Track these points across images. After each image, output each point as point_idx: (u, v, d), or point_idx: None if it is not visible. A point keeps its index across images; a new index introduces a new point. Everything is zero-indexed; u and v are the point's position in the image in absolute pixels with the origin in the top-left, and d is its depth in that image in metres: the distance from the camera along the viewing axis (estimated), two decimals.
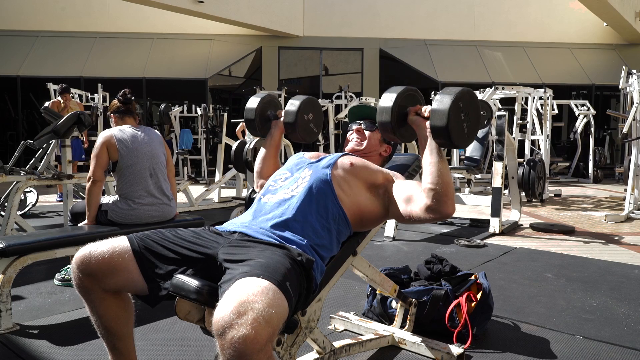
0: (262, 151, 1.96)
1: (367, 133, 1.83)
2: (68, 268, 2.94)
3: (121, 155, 2.64)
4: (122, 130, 2.71)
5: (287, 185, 1.59)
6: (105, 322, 1.42)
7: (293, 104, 1.86)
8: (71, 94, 6.81)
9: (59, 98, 6.55)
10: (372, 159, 1.78)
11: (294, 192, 1.55)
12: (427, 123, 1.45)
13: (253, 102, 1.95)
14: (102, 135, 2.67)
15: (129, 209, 2.63)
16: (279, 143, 1.97)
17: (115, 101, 2.86)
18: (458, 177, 7.61)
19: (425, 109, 1.50)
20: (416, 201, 1.48)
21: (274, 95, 2.02)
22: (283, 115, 1.90)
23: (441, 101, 1.40)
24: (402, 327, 2.16)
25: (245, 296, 1.07)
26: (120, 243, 1.39)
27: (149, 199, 2.68)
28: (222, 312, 1.05)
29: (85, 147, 7.05)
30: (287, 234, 1.45)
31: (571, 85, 11.38)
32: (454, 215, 5.52)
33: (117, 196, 2.69)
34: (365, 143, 1.81)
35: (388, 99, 1.52)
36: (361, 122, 1.86)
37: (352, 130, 1.86)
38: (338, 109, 9.45)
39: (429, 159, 1.45)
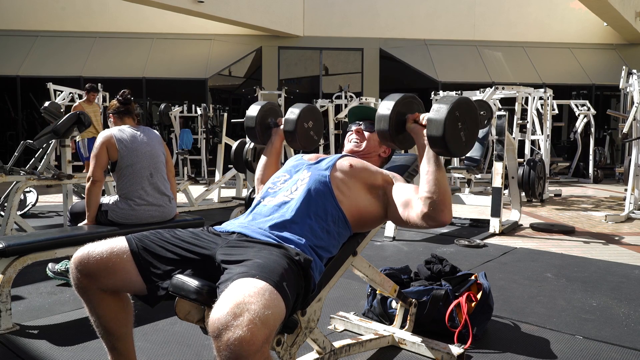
0: (262, 159, 1.95)
1: (366, 134, 1.81)
2: (65, 262, 2.93)
3: (121, 155, 2.64)
4: (121, 130, 2.72)
5: (286, 187, 1.59)
6: (104, 322, 1.42)
7: (293, 112, 1.85)
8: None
9: (83, 98, 6.70)
10: (371, 160, 1.77)
11: (293, 194, 1.54)
12: (425, 131, 1.44)
13: (253, 110, 1.93)
14: (101, 136, 2.68)
15: (129, 209, 2.63)
16: (279, 150, 1.96)
17: (115, 101, 2.87)
18: (458, 177, 7.61)
19: (423, 117, 1.49)
20: (414, 207, 1.48)
21: (275, 103, 2.01)
22: (283, 123, 1.89)
23: (438, 110, 1.38)
24: (402, 327, 2.15)
25: (241, 297, 1.06)
26: (118, 243, 1.40)
27: (149, 199, 2.68)
28: (218, 313, 1.04)
29: None
30: (286, 234, 1.45)
31: (571, 85, 11.38)
32: (454, 215, 5.56)
33: (117, 196, 2.69)
34: (364, 144, 1.80)
35: (386, 107, 1.51)
36: (361, 123, 1.85)
37: (352, 131, 1.84)
38: (338, 109, 9.44)
39: (426, 168, 1.45)
